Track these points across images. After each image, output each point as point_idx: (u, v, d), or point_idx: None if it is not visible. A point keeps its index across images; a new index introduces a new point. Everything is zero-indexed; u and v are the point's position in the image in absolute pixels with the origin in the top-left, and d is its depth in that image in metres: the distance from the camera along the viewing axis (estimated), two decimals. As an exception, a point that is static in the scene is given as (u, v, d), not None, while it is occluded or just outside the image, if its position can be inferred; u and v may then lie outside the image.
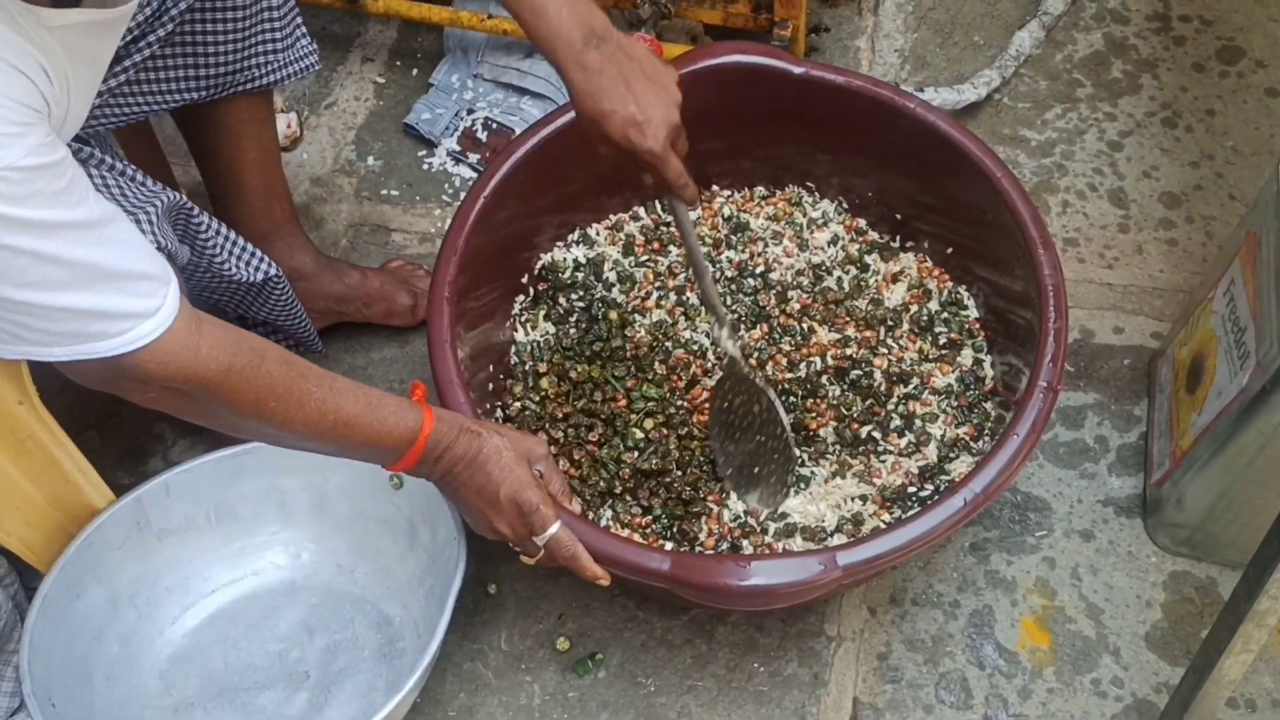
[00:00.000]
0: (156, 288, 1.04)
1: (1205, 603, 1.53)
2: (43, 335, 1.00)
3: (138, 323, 1.02)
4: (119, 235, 1.02)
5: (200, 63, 1.44)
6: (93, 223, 0.99)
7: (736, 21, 1.86)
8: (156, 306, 1.03)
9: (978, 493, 1.26)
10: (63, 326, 1.00)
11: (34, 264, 0.95)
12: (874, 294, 1.61)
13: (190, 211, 1.33)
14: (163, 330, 1.04)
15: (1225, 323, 1.43)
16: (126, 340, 1.02)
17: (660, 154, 1.25)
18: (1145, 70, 2.00)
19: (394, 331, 1.79)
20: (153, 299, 1.03)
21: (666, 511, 1.44)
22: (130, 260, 1.02)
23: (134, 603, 1.46)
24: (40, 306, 0.97)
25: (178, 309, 1.05)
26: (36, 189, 0.93)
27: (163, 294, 1.04)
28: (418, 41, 2.12)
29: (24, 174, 0.92)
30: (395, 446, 1.23)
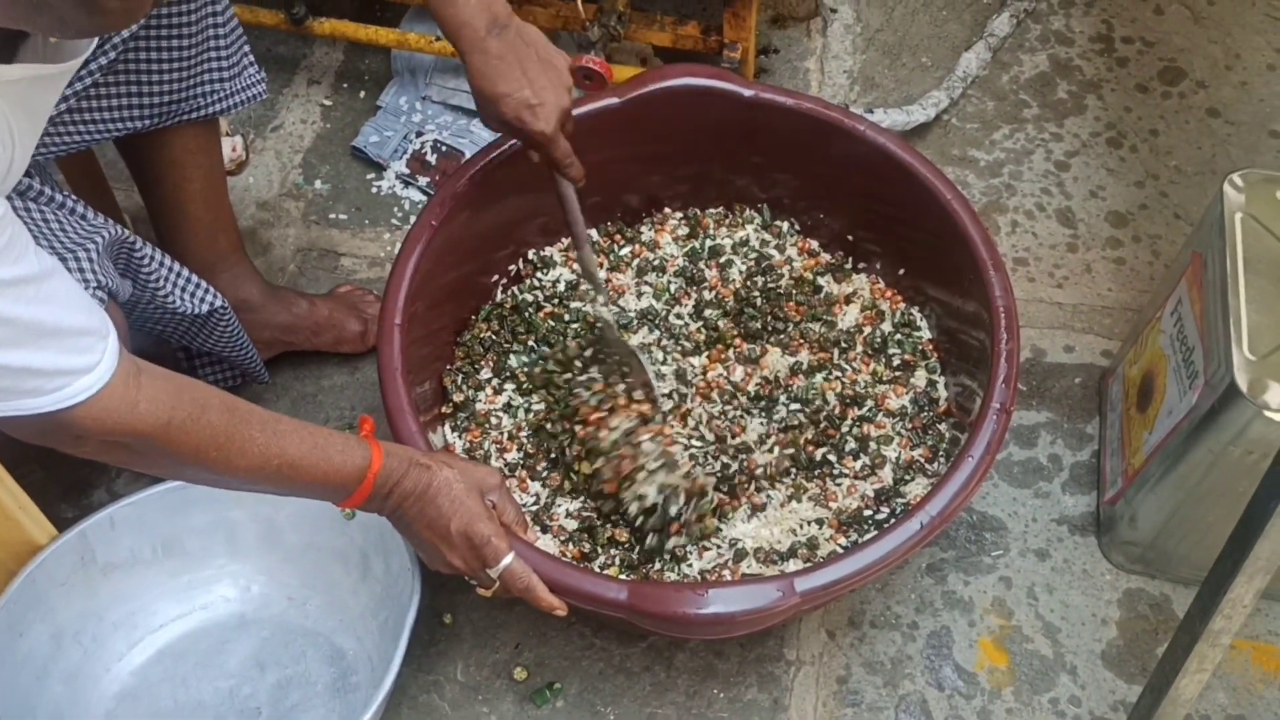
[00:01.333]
0: (94, 343, 1.01)
1: (1160, 620, 1.54)
2: None
3: (73, 379, 1.00)
4: (56, 291, 0.99)
5: (144, 91, 1.41)
6: (30, 279, 0.96)
7: (686, 43, 1.86)
8: (94, 363, 1.01)
9: (934, 515, 1.26)
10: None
11: None
12: (827, 315, 1.61)
13: (133, 246, 1.31)
14: (99, 386, 1.01)
15: (1174, 342, 1.45)
16: (62, 397, 0.99)
17: (550, 135, 1.34)
18: (1090, 91, 2.02)
19: (344, 358, 1.76)
20: (90, 355, 1.01)
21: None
22: (68, 316, 0.99)
23: (79, 640, 1.42)
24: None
25: (115, 364, 1.03)
26: None
27: (100, 349, 1.01)
28: (365, 64, 2.10)
29: None
30: (344, 485, 1.20)
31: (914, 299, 1.62)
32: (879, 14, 2.13)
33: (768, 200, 1.71)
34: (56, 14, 0.87)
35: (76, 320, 1.00)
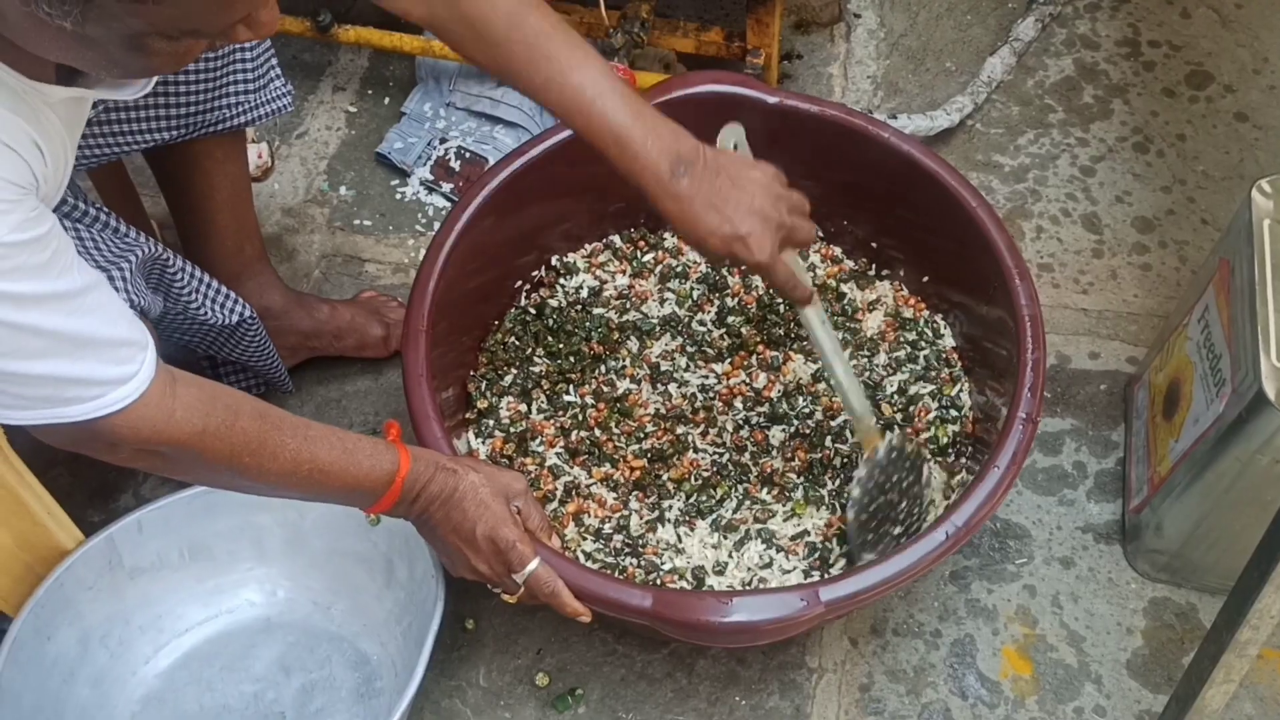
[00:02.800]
0: (134, 353, 1.03)
1: (1186, 629, 1.53)
2: (15, 399, 0.98)
3: (112, 389, 1.01)
4: (99, 302, 1.01)
5: (171, 104, 1.42)
6: (74, 293, 0.98)
7: (709, 50, 1.86)
8: (132, 373, 1.02)
9: (960, 526, 1.26)
10: (37, 392, 0.98)
11: (11, 334, 0.94)
12: (850, 323, 1.60)
13: (166, 262, 1.32)
14: (137, 396, 1.02)
15: (1201, 349, 1.44)
16: (100, 405, 1.01)
17: (768, 263, 1.23)
18: (1116, 95, 2.01)
19: (367, 363, 1.77)
20: (129, 365, 1.02)
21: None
22: (109, 327, 1.01)
23: (105, 643, 1.43)
24: (15, 374, 0.96)
25: (153, 374, 1.04)
26: (19, 263, 0.92)
27: (140, 359, 1.03)
28: (389, 70, 2.11)
29: (7, 249, 0.91)
30: (372, 490, 1.21)
31: (938, 306, 1.61)
32: (903, 19, 2.12)
33: (792, 207, 1.70)
34: (107, 55, 0.90)
35: (118, 331, 1.01)
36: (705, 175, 1.21)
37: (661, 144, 1.19)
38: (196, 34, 0.89)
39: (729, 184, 1.21)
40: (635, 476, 1.48)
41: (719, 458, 1.50)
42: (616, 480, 1.49)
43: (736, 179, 1.22)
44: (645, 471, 1.48)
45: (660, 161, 1.19)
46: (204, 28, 0.89)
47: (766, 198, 1.23)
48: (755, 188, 1.23)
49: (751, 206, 1.21)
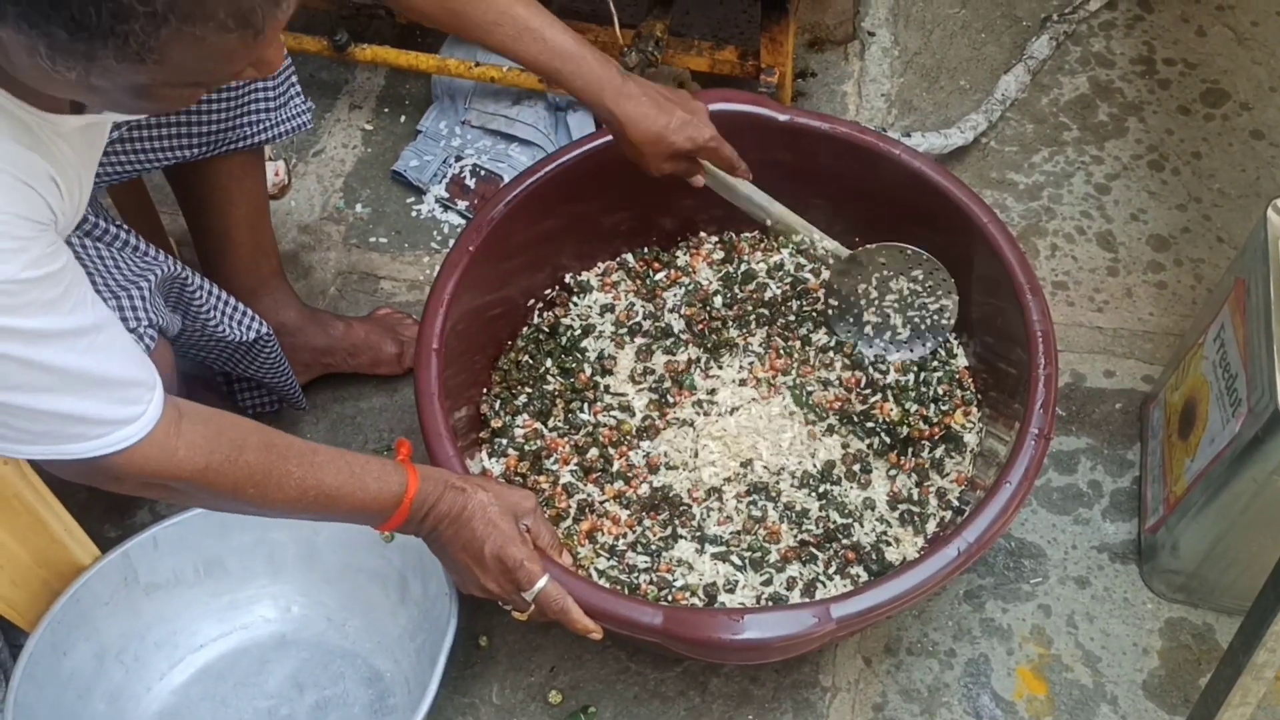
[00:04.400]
0: (141, 394, 1.04)
1: (1202, 650, 1.52)
2: (20, 434, 0.99)
3: (117, 429, 1.02)
4: (109, 342, 1.02)
5: (192, 122, 1.44)
6: (84, 330, 0.99)
7: (723, 68, 1.87)
8: (138, 414, 1.03)
9: (971, 542, 1.25)
10: (42, 428, 0.99)
11: (20, 369, 0.95)
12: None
13: (185, 281, 1.33)
14: (141, 436, 1.03)
15: (1216, 369, 1.43)
16: (103, 444, 1.02)
17: (719, 136, 1.44)
18: (1131, 113, 2.01)
19: (382, 380, 1.78)
20: (136, 406, 1.03)
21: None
22: (118, 367, 1.02)
23: (121, 659, 1.44)
24: (22, 409, 0.97)
25: (159, 415, 1.05)
26: (31, 299, 0.93)
27: (146, 400, 1.04)
28: (405, 88, 2.12)
29: (20, 286, 0.92)
30: (381, 511, 1.22)
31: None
32: (917, 37, 2.13)
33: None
34: (114, 100, 0.91)
35: (126, 372, 1.02)
36: (644, 82, 1.41)
37: (604, 57, 1.37)
38: (198, 85, 0.91)
39: (664, 92, 1.42)
40: (647, 495, 1.49)
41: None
42: (630, 498, 1.49)
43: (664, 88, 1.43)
44: (656, 490, 1.48)
45: (608, 71, 1.36)
46: (207, 80, 0.91)
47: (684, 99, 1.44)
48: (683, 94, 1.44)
49: (684, 98, 1.43)
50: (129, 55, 0.82)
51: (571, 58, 1.34)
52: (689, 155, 1.43)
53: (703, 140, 1.42)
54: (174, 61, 0.84)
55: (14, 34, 0.82)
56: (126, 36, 0.81)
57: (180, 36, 0.82)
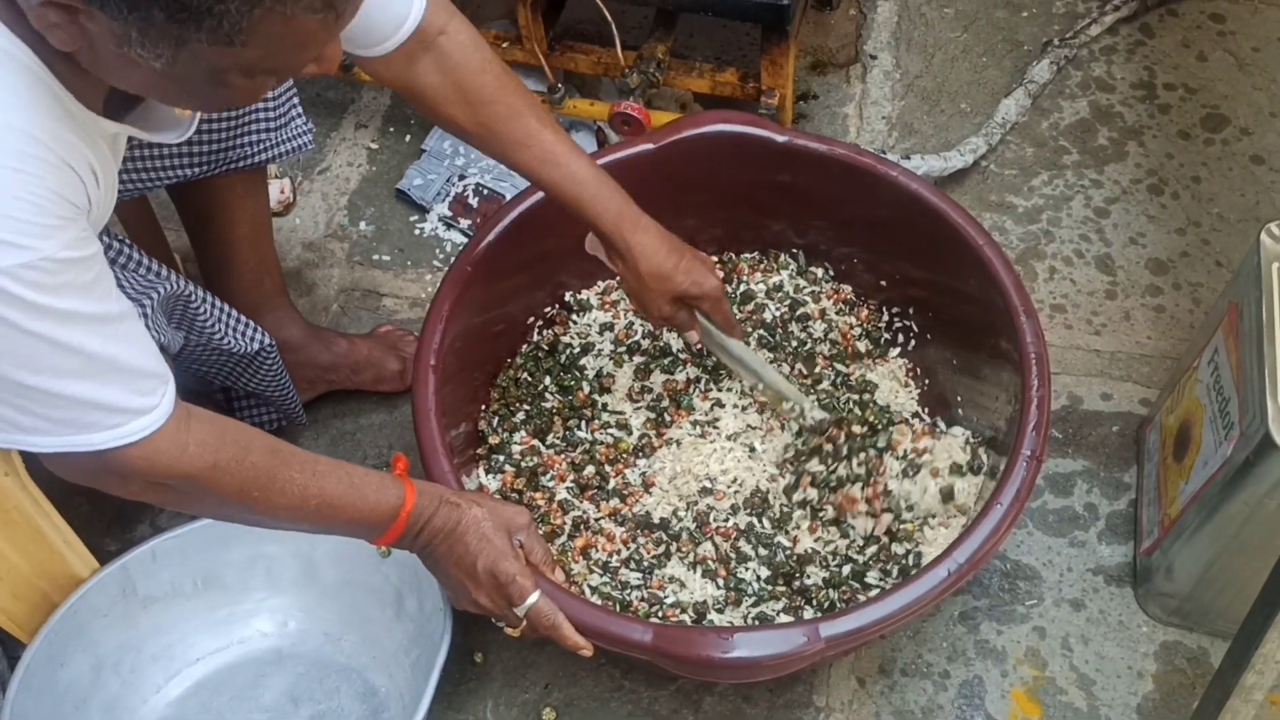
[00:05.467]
0: (156, 386, 1.05)
1: (1197, 674, 1.52)
2: (39, 422, 1.00)
3: (133, 418, 1.03)
4: (131, 332, 1.04)
5: (194, 141, 1.46)
6: (111, 317, 1.01)
7: (724, 90, 1.88)
8: (153, 405, 1.05)
9: (961, 563, 1.26)
10: (63, 414, 1.00)
11: (50, 351, 0.96)
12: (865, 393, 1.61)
13: (189, 298, 1.35)
14: (155, 428, 1.05)
15: (1210, 392, 1.43)
16: (119, 435, 1.03)
17: (721, 288, 1.45)
18: (1131, 138, 2.02)
19: (383, 397, 1.79)
20: (151, 397, 1.05)
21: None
22: (138, 357, 1.04)
23: (118, 671, 1.45)
24: (45, 393, 0.98)
25: (172, 408, 1.07)
26: (66, 280, 0.95)
27: (161, 393, 1.06)
28: (410, 108, 2.13)
29: (58, 265, 0.94)
30: (378, 523, 1.23)
31: (946, 344, 1.62)
32: (918, 60, 2.14)
33: (803, 246, 1.72)
34: (189, 89, 0.95)
35: (146, 363, 1.04)
36: (658, 225, 1.42)
37: (624, 194, 1.39)
38: (273, 72, 0.95)
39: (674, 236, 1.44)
40: (642, 514, 1.49)
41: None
42: (624, 516, 1.50)
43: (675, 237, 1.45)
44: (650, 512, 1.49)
45: (630, 205, 1.39)
46: (282, 67, 0.95)
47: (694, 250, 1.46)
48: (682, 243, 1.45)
49: (693, 252, 1.45)
50: (220, 37, 0.87)
51: (591, 187, 1.37)
52: (691, 301, 1.44)
53: (707, 288, 1.43)
54: (260, 44, 0.88)
55: (109, 20, 0.87)
56: (221, 17, 0.86)
57: (271, 16, 0.87)
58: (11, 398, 0.99)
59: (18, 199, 0.92)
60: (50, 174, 0.95)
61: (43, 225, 0.93)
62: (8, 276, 0.91)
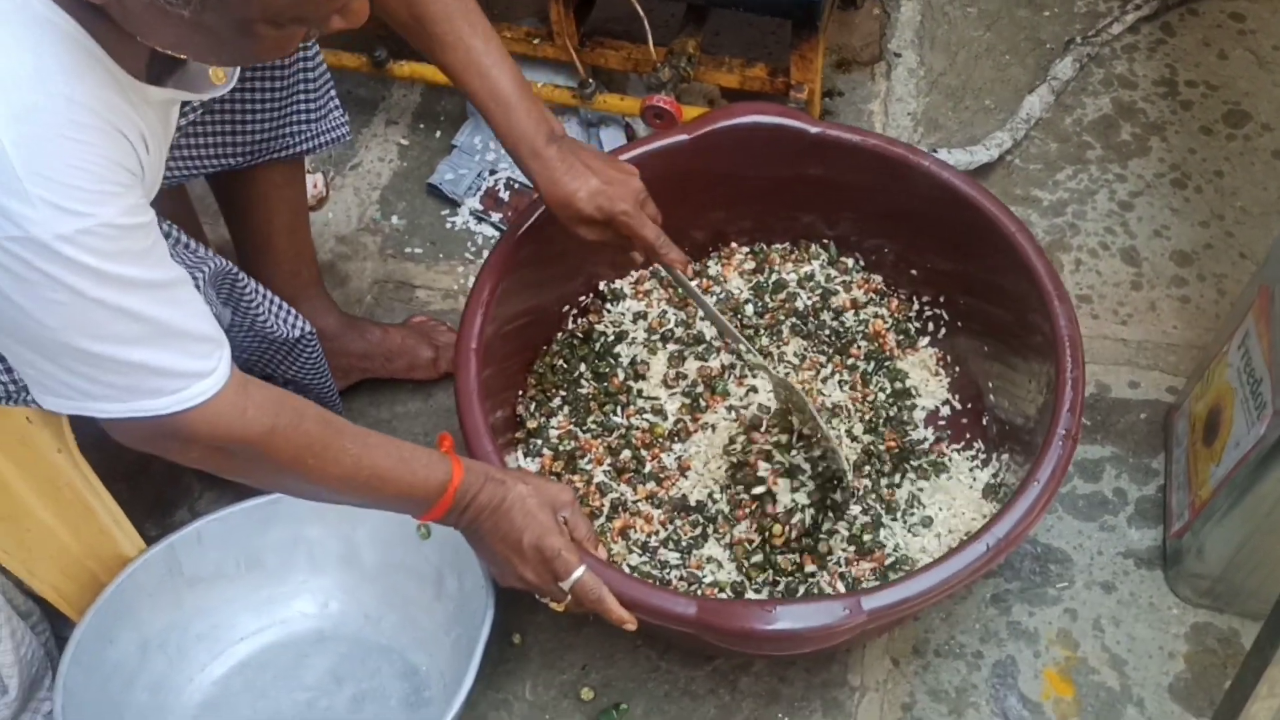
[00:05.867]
0: (213, 350, 1.08)
1: (1228, 654, 1.54)
2: (105, 389, 1.03)
3: (194, 382, 1.06)
4: (187, 298, 1.06)
5: (238, 130, 1.49)
6: (168, 283, 1.03)
7: (754, 85, 1.91)
8: (212, 368, 1.07)
9: (1000, 538, 1.28)
10: (125, 380, 1.03)
11: (112, 318, 0.99)
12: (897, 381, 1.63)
13: (235, 277, 1.37)
14: (215, 391, 1.07)
15: (1241, 375, 1.45)
16: (181, 399, 1.05)
17: (633, 213, 1.41)
18: (1154, 133, 2.05)
19: (417, 386, 1.82)
20: (209, 360, 1.07)
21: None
22: (195, 322, 1.06)
23: (164, 650, 1.47)
24: (110, 359, 1.01)
25: (229, 372, 1.09)
26: (124, 247, 0.97)
27: (218, 357, 1.08)
28: (440, 105, 2.17)
29: (117, 231, 0.96)
30: (426, 498, 1.25)
31: (977, 332, 1.64)
32: (942, 58, 2.17)
33: (833, 238, 1.74)
34: (217, 40, 0.96)
35: (203, 328, 1.06)
36: (574, 147, 1.40)
37: (539, 116, 1.37)
38: (300, 21, 0.96)
39: (593, 156, 1.42)
40: (679, 496, 1.52)
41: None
42: (661, 498, 1.52)
43: (601, 156, 1.44)
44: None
45: (536, 129, 1.37)
46: (309, 15, 0.95)
47: (628, 171, 1.43)
48: (618, 164, 1.44)
49: (617, 171, 1.42)
50: None
51: (504, 104, 1.36)
52: (604, 225, 1.42)
53: (613, 211, 1.40)
54: None
55: None
56: None
57: None
58: (77, 365, 1.01)
59: (76, 167, 0.94)
60: (105, 141, 0.97)
61: (101, 192, 0.95)
62: (70, 244, 0.94)
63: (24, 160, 0.91)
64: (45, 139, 0.93)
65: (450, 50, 1.35)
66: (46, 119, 0.93)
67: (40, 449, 1.29)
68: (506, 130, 1.37)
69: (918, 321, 1.69)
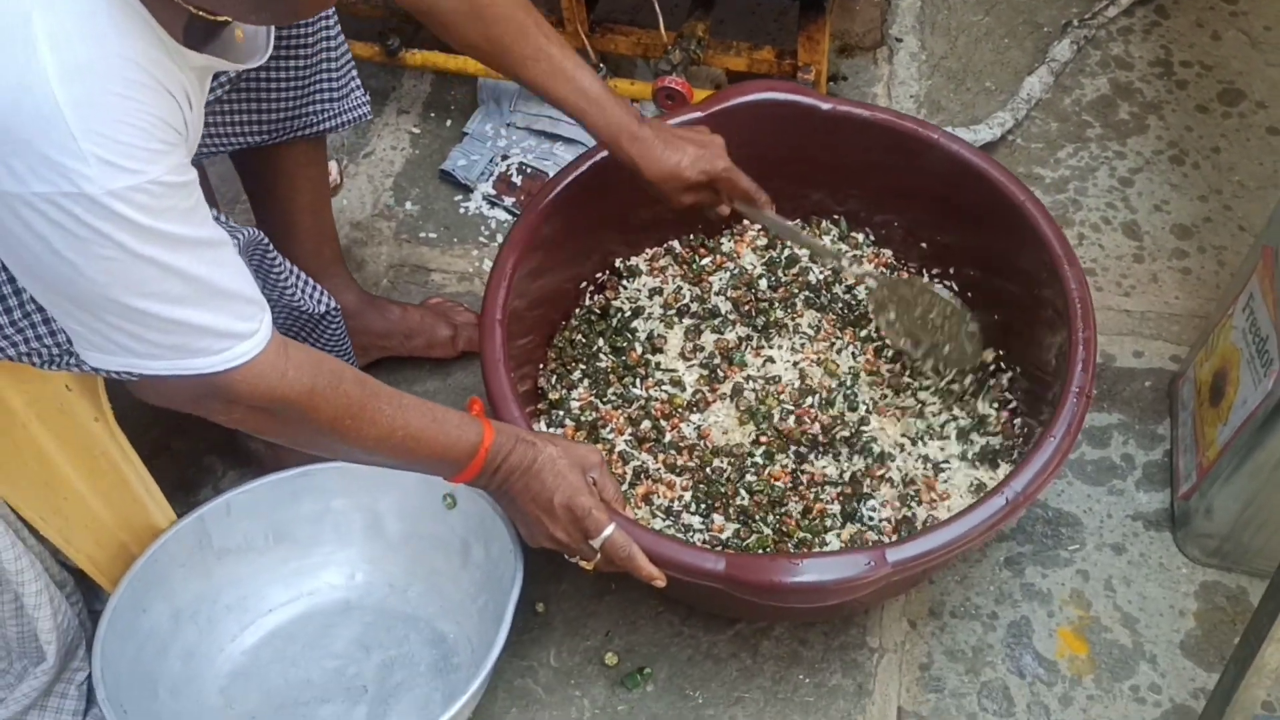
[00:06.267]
0: (256, 311, 1.10)
1: (1237, 611, 1.57)
2: (150, 347, 1.05)
3: (237, 342, 1.08)
4: (230, 259, 1.09)
5: (263, 108, 1.52)
6: (212, 243, 1.06)
7: (761, 67, 1.95)
8: (254, 329, 1.10)
9: (1019, 491, 1.31)
10: (172, 340, 1.05)
11: (159, 275, 1.01)
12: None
13: (266, 247, 1.40)
14: (257, 352, 1.10)
15: (1246, 335, 1.49)
16: (225, 359, 1.08)
17: (732, 167, 1.53)
18: (1151, 112, 2.09)
19: (436, 365, 1.84)
20: (252, 321, 1.10)
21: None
22: (238, 283, 1.09)
23: (195, 620, 1.49)
24: (156, 317, 1.03)
25: (270, 334, 1.12)
26: (171, 204, 0.99)
27: (260, 318, 1.11)
28: (451, 94, 2.20)
29: (164, 189, 0.98)
30: (459, 460, 1.28)
31: (987, 304, 1.67)
32: (943, 42, 2.21)
33: (843, 214, 1.78)
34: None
35: (245, 288, 1.09)
36: (657, 127, 1.51)
37: (625, 105, 1.48)
38: None
39: (676, 130, 1.54)
40: (698, 464, 1.55)
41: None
42: (681, 466, 1.55)
43: (682, 129, 1.55)
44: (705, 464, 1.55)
45: (628, 117, 1.47)
46: None
47: (702, 136, 1.54)
48: (700, 131, 1.56)
49: (702, 138, 1.54)
50: None
51: (596, 101, 1.45)
52: (706, 186, 1.52)
53: (716, 171, 1.51)
54: None
55: None
56: None
57: None
58: (124, 323, 1.03)
59: (126, 124, 0.95)
60: (154, 99, 0.99)
61: (149, 150, 0.97)
62: (118, 199, 0.95)
63: (78, 117, 0.93)
64: (99, 96, 0.94)
65: (533, 63, 1.43)
66: (100, 76, 0.94)
67: (78, 417, 1.31)
68: (604, 125, 1.46)
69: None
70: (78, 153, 0.93)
